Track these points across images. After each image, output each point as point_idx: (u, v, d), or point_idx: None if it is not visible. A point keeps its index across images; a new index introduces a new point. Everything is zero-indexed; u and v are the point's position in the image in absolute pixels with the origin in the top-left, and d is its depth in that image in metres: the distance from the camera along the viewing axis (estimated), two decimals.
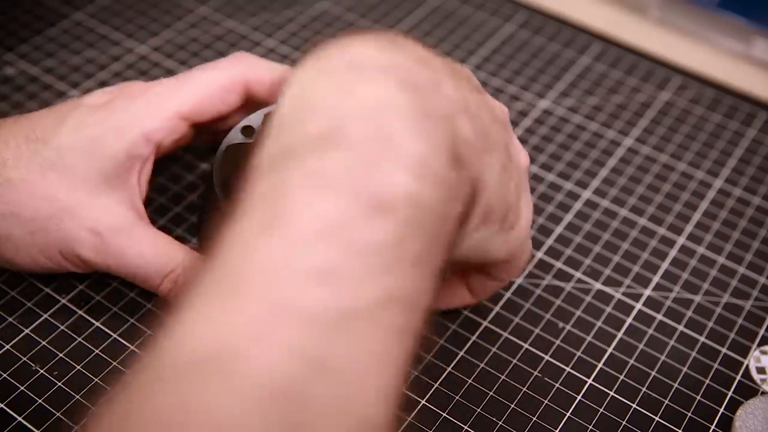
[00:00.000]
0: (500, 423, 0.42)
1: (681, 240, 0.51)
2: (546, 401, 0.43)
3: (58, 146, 0.41)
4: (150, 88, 0.43)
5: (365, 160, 0.28)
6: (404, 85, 0.30)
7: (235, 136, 0.44)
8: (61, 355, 0.43)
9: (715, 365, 0.45)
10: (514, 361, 0.45)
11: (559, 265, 0.49)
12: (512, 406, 0.43)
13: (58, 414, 0.40)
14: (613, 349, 0.46)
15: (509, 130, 0.37)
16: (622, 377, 0.44)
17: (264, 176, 0.28)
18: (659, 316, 0.47)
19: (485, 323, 0.46)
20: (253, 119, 0.44)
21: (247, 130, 0.44)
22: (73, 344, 0.43)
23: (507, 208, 0.36)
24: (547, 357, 0.45)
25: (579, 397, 0.43)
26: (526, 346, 0.45)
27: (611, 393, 0.44)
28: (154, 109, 0.42)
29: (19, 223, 0.40)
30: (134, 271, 0.41)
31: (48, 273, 0.43)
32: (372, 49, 0.31)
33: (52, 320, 0.44)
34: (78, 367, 0.42)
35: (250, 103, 0.45)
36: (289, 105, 0.30)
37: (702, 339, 0.46)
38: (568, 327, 0.46)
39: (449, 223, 0.30)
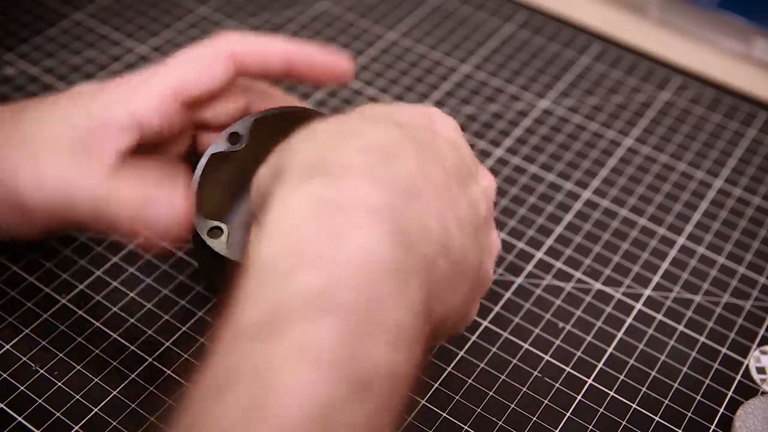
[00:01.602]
0: (500, 423, 0.42)
1: (681, 240, 0.51)
2: (546, 401, 0.43)
3: (39, 119, 0.40)
4: (137, 74, 0.42)
5: (353, 333, 0.27)
6: (393, 237, 0.30)
7: (219, 144, 0.42)
8: (61, 355, 0.43)
9: (715, 365, 0.45)
10: (514, 361, 0.45)
11: (559, 265, 0.49)
12: (512, 406, 0.43)
13: (58, 414, 0.40)
14: (613, 349, 0.46)
15: (489, 224, 0.37)
16: (622, 377, 0.44)
17: (252, 342, 0.27)
18: (659, 316, 0.47)
19: (485, 323, 0.46)
20: (239, 127, 0.42)
21: (233, 137, 0.42)
22: (73, 344, 0.43)
23: (461, 322, 0.37)
24: (547, 357, 0.45)
25: (579, 397, 0.43)
26: (526, 346, 0.45)
27: (611, 393, 0.44)
28: (140, 89, 0.40)
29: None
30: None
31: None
32: (365, 180, 0.31)
33: (52, 320, 0.44)
34: (78, 367, 0.42)
35: (245, 90, 0.44)
36: (277, 246, 0.29)
37: (702, 339, 0.46)
38: (568, 327, 0.46)
39: (414, 376, 0.30)
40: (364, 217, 0.30)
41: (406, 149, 0.33)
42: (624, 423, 0.42)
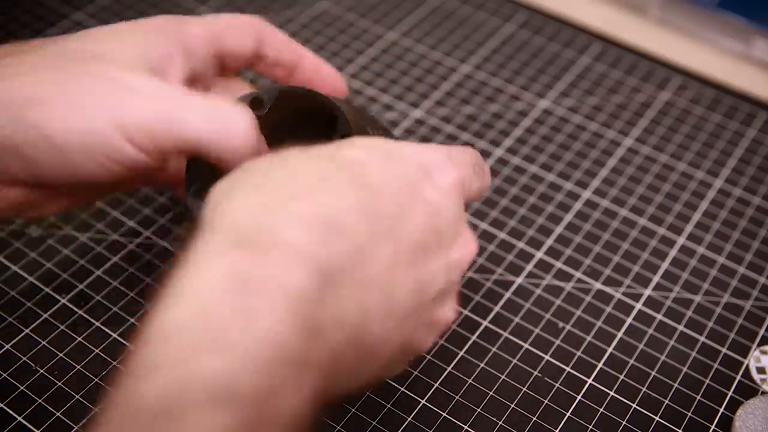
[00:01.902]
0: (500, 423, 0.42)
1: (681, 240, 0.51)
2: (546, 401, 0.43)
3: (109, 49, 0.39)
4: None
5: (249, 425, 0.26)
6: (305, 327, 0.28)
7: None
8: (61, 355, 0.43)
9: (715, 365, 0.45)
10: (514, 361, 0.45)
11: (559, 265, 0.49)
12: (512, 406, 0.43)
13: (58, 414, 0.40)
14: (613, 349, 0.46)
15: (444, 298, 0.36)
16: (622, 377, 0.44)
17: (151, 422, 0.26)
18: (659, 316, 0.47)
19: (485, 323, 0.46)
20: (265, 94, 0.40)
21: (256, 103, 0.40)
22: (73, 344, 0.43)
23: (371, 385, 0.36)
24: (547, 357, 0.45)
25: (579, 397, 0.43)
26: (526, 346, 0.45)
27: (611, 393, 0.44)
28: (186, 23, 0.41)
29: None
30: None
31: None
32: (292, 260, 0.29)
33: (52, 320, 0.44)
34: (78, 367, 0.42)
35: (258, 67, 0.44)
36: (187, 315, 0.28)
37: (702, 339, 0.46)
38: (568, 327, 0.46)
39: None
40: (280, 303, 0.28)
41: (356, 225, 0.31)
42: (624, 423, 0.42)
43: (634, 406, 0.43)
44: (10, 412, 0.40)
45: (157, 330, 0.28)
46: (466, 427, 0.42)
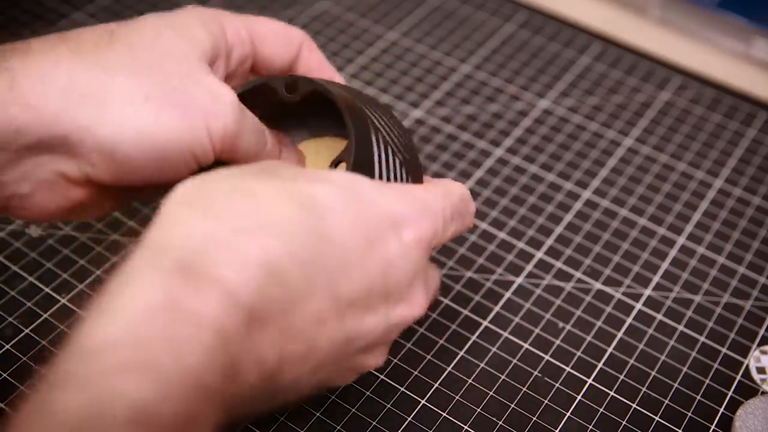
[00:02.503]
0: (500, 423, 0.42)
1: (681, 240, 0.51)
2: (546, 401, 0.43)
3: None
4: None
5: None
6: (225, 364, 0.29)
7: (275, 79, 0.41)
8: None
9: (715, 365, 0.45)
10: (514, 361, 0.45)
11: (559, 265, 0.49)
12: (512, 406, 0.43)
13: None
14: (613, 349, 0.46)
15: (371, 351, 0.36)
16: (622, 377, 0.44)
17: None
18: (659, 316, 0.47)
19: (485, 323, 0.46)
20: (245, 89, 0.40)
21: (291, 87, 0.40)
22: None
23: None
24: (547, 357, 0.45)
25: (579, 397, 0.43)
26: (526, 346, 0.45)
27: (611, 393, 0.44)
28: (227, 15, 0.40)
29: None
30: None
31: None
32: (224, 300, 0.29)
33: (52, 320, 0.44)
34: None
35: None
36: (116, 333, 0.28)
37: (702, 339, 0.46)
38: (568, 327, 0.46)
39: None
40: (207, 338, 0.28)
41: (294, 276, 0.31)
42: (624, 423, 0.42)
43: (634, 406, 0.43)
44: (11, 412, 0.40)
45: (86, 343, 0.28)
46: (466, 427, 0.42)
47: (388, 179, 0.38)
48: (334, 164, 0.40)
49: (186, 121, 0.36)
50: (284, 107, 0.41)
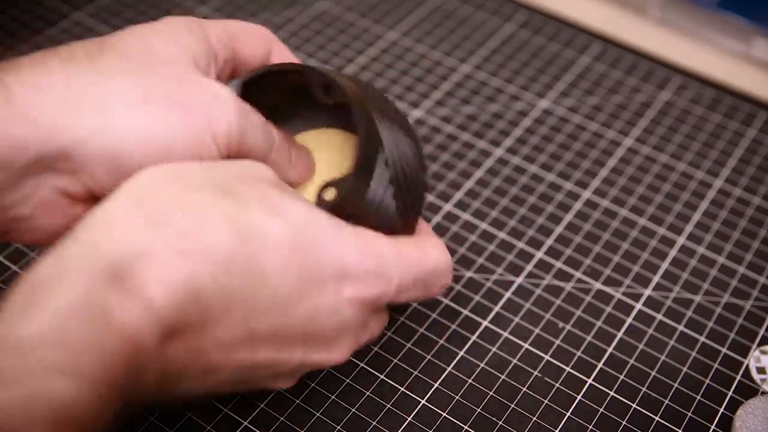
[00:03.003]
0: (500, 423, 0.42)
1: (681, 240, 0.51)
2: (546, 401, 0.43)
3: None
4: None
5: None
6: (135, 370, 0.29)
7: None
8: None
9: (715, 365, 0.45)
10: (514, 361, 0.45)
11: (559, 265, 0.49)
12: (512, 406, 0.43)
13: None
14: (613, 349, 0.46)
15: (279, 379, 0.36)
16: (622, 377, 0.44)
17: None
18: (659, 316, 0.47)
19: (485, 323, 0.46)
20: (233, 88, 0.40)
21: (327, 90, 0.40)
22: None
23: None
24: (547, 357, 0.45)
25: (579, 397, 0.43)
26: (526, 346, 0.45)
27: (611, 393, 0.44)
28: (205, 21, 0.40)
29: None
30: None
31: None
32: (142, 314, 0.30)
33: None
34: None
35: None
36: (45, 331, 0.28)
37: (702, 339, 0.46)
38: (568, 327, 0.46)
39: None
40: (125, 347, 0.29)
41: (215, 304, 0.31)
42: (624, 423, 0.42)
43: (634, 406, 0.43)
44: None
45: (12, 336, 0.28)
46: (466, 427, 0.42)
47: (380, 204, 0.37)
48: (324, 187, 0.39)
49: (188, 122, 0.35)
50: (281, 99, 0.41)
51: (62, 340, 0.28)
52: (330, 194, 0.38)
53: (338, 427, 0.41)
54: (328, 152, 0.43)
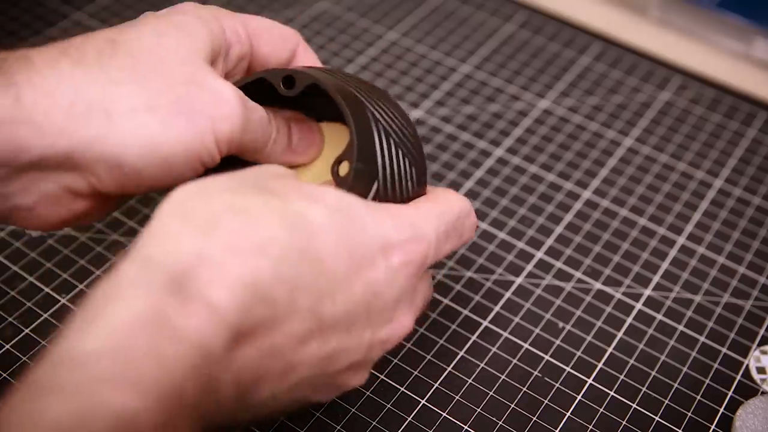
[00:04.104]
0: (500, 423, 0.42)
1: (681, 240, 0.51)
2: (546, 401, 0.43)
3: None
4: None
5: None
6: (202, 380, 0.29)
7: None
8: None
9: (715, 365, 0.45)
10: (514, 361, 0.45)
11: (559, 265, 0.49)
12: (512, 406, 0.43)
13: None
14: (613, 349, 0.46)
15: (343, 376, 0.36)
16: (622, 377, 0.44)
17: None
18: (659, 316, 0.47)
19: (485, 323, 0.46)
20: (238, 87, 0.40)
21: (288, 82, 0.40)
22: None
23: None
24: (547, 357, 0.45)
25: (579, 397, 0.43)
26: (526, 346, 0.45)
27: (611, 393, 0.44)
28: (225, 13, 0.40)
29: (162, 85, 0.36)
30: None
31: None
32: (208, 319, 0.29)
33: (52, 320, 0.44)
34: None
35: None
36: (104, 347, 0.28)
37: (702, 339, 0.46)
38: (568, 327, 0.46)
39: None
40: (189, 355, 0.28)
41: (280, 298, 0.31)
42: (624, 423, 0.42)
43: (634, 406, 0.43)
44: None
45: (72, 352, 0.28)
46: (466, 427, 0.42)
47: (392, 171, 0.38)
48: (337, 163, 0.39)
49: (192, 127, 0.36)
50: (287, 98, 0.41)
51: (123, 352, 0.27)
52: (344, 168, 0.39)
53: (338, 427, 0.41)
54: (333, 147, 0.43)
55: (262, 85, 0.40)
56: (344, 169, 0.39)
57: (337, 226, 0.34)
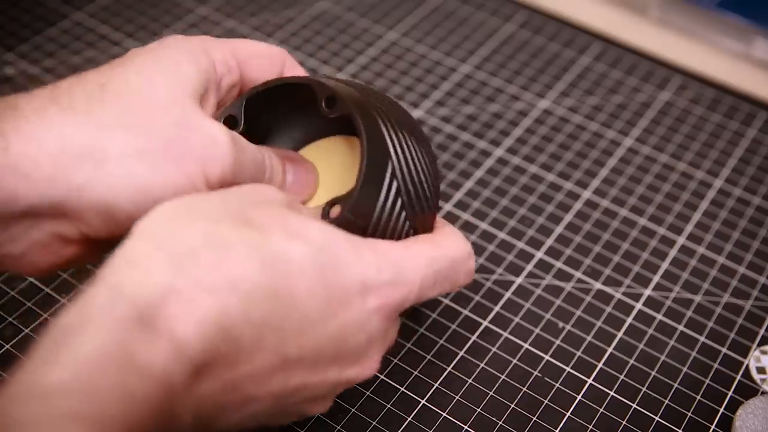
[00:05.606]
0: (500, 423, 0.42)
1: (681, 240, 0.51)
2: (546, 401, 0.43)
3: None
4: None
5: None
6: (165, 413, 0.29)
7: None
8: None
9: (715, 365, 0.45)
10: (514, 361, 0.45)
11: (559, 265, 0.49)
12: (512, 406, 0.43)
13: None
14: (613, 349, 0.46)
15: (310, 404, 0.36)
16: (622, 377, 0.44)
17: None
18: (659, 316, 0.47)
19: (485, 323, 0.46)
20: (236, 108, 0.40)
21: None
22: None
23: None
24: (547, 357, 0.45)
25: (579, 397, 0.43)
26: (526, 346, 0.45)
27: (611, 393, 0.44)
28: (213, 44, 0.40)
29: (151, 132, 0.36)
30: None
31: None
32: (171, 352, 0.29)
33: (52, 320, 0.44)
34: None
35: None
36: (69, 377, 0.28)
37: (702, 339, 0.46)
38: (568, 327, 0.46)
39: None
40: (154, 391, 0.28)
41: (246, 338, 0.31)
42: (624, 423, 0.42)
43: (634, 406, 0.43)
44: None
45: (32, 384, 0.27)
46: (466, 427, 0.42)
47: (389, 218, 0.37)
48: (329, 205, 0.38)
49: (182, 170, 0.35)
50: (287, 110, 0.41)
51: (86, 387, 0.27)
52: (335, 211, 0.37)
53: (338, 427, 0.41)
54: (340, 157, 0.43)
55: (252, 113, 0.39)
56: (335, 212, 0.37)
57: (316, 266, 0.33)
